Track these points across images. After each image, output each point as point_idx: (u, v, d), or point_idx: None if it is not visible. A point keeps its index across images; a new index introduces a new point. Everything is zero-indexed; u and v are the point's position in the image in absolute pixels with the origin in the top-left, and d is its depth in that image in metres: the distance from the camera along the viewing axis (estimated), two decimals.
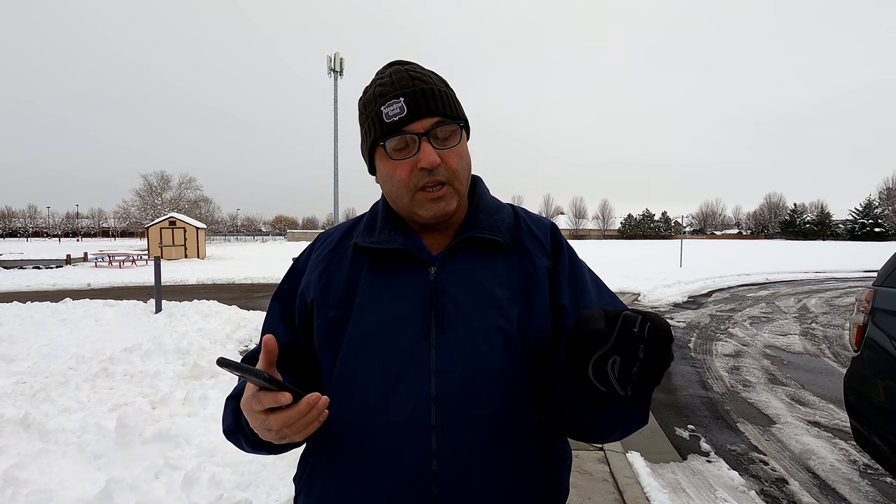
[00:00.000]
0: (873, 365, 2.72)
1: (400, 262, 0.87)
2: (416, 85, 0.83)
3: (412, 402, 0.79)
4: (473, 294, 0.84)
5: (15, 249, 41.53)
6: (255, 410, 0.71)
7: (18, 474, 2.79)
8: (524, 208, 1.01)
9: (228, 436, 0.89)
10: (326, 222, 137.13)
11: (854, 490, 3.15)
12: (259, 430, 0.74)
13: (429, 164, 0.81)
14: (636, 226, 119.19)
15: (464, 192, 0.89)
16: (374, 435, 0.80)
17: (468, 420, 0.79)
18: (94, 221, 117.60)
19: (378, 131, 0.84)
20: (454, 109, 0.86)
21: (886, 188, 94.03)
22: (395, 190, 0.86)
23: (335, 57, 18.44)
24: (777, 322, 9.10)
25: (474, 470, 0.79)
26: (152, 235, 30.47)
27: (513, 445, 0.82)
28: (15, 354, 5.76)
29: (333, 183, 18.39)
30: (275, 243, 67.23)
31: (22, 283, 15.27)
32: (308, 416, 0.69)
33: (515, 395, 0.82)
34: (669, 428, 4.14)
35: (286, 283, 0.97)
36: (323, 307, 0.87)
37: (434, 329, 0.82)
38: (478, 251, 0.88)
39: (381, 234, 0.89)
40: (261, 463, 2.99)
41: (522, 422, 0.83)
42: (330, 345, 0.86)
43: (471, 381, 0.80)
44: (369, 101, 0.86)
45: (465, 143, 0.88)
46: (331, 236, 0.97)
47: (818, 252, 36.66)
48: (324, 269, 0.91)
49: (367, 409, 0.81)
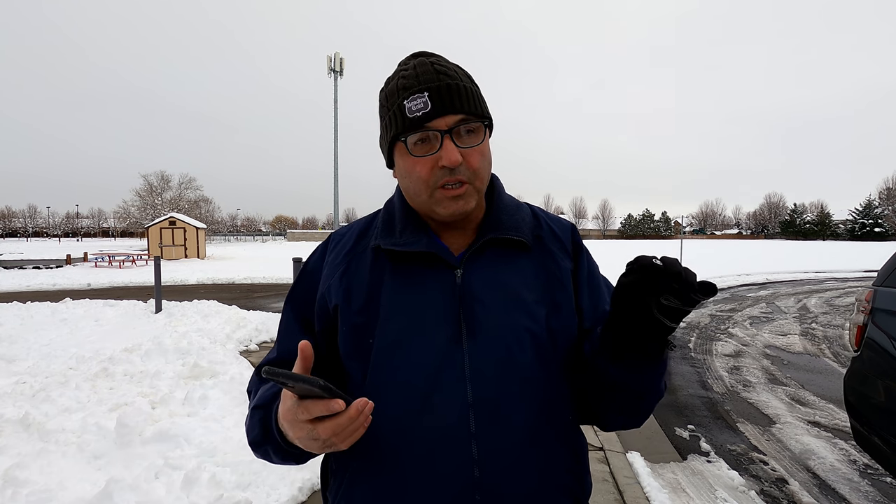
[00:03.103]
0: (873, 365, 2.72)
1: (423, 264, 0.85)
2: (442, 80, 0.80)
3: (450, 409, 0.78)
4: (501, 296, 0.83)
5: (15, 249, 41.51)
6: (300, 420, 0.68)
7: (18, 474, 2.79)
8: (541, 207, 1.00)
9: (255, 447, 0.86)
10: (326, 222, 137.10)
11: (854, 490, 3.15)
12: (303, 440, 0.70)
13: (451, 163, 0.79)
14: (636, 226, 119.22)
15: (483, 191, 0.87)
16: (413, 444, 0.78)
17: (507, 425, 0.79)
18: (94, 221, 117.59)
19: (400, 126, 0.81)
20: (479, 107, 0.83)
21: (886, 188, 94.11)
22: (414, 186, 0.84)
23: (335, 57, 18.44)
24: (777, 322, 9.10)
25: (515, 474, 0.79)
26: (152, 235, 30.46)
27: (549, 446, 0.82)
28: (15, 354, 5.76)
29: (333, 183, 18.40)
30: (275, 243, 67.19)
31: (22, 283, 15.25)
32: (356, 422, 0.67)
33: (549, 396, 0.82)
34: (669, 428, 4.14)
35: (300, 286, 0.94)
36: (347, 314, 0.84)
37: (465, 333, 0.80)
38: (502, 252, 0.87)
39: (403, 235, 0.86)
40: (261, 462, 2.99)
41: (557, 422, 0.83)
42: (357, 352, 0.83)
43: (506, 386, 0.79)
44: (392, 93, 0.83)
45: (487, 141, 0.86)
46: (345, 236, 0.94)
47: (818, 252, 36.67)
48: (343, 273, 0.87)
49: (404, 418, 0.79)
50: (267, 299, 12.12)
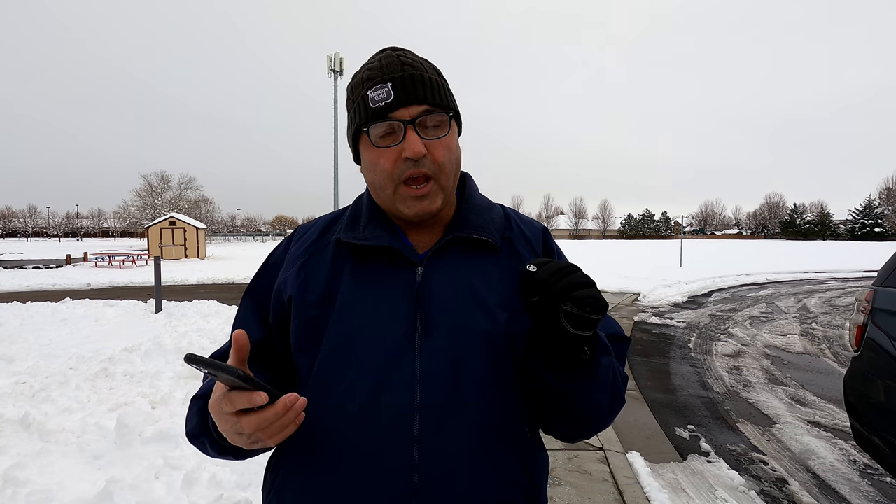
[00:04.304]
0: (873, 365, 2.72)
1: (385, 260, 0.82)
2: (406, 70, 0.79)
3: (395, 411, 0.75)
4: (461, 297, 0.80)
5: (15, 249, 41.52)
6: (225, 412, 0.65)
7: (18, 474, 2.79)
8: (515, 209, 0.98)
9: (192, 439, 0.83)
10: None
11: (854, 490, 3.15)
12: (229, 433, 0.68)
13: (413, 154, 0.76)
14: (636, 226, 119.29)
15: (450, 188, 0.84)
16: (354, 445, 0.75)
17: (452, 431, 0.75)
18: (94, 221, 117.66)
19: (363, 116, 0.80)
20: (444, 98, 0.81)
21: (886, 188, 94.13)
22: (378, 180, 0.81)
23: (335, 57, 18.42)
24: (777, 322, 9.09)
25: (456, 482, 0.75)
26: (152, 235, 30.46)
27: (496, 456, 0.78)
28: (15, 354, 5.75)
29: (333, 183, 18.39)
30: (275, 243, 67.08)
31: (22, 283, 15.25)
32: (284, 418, 0.64)
33: (501, 403, 0.79)
34: (669, 428, 4.14)
35: (259, 280, 0.92)
36: (301, 306, 0.82)
37: (420, 333, 0.78)
38: (467, 252, 0.84)
39: (366, 229, 0.84)
40: (260, 463, 2.98)
41: (507, 431, 0.80)
42: (307, 346, 0.81)
43: (456, 389, 0.76)
44: (357, 85, 0.82)
45: (454, 135, 0.84)
46: (310, 230, 0.92)
47: (818, 252, 36.67)
48: (302, 265, 0.85)
49: (348, 417, 0.76)
50: None
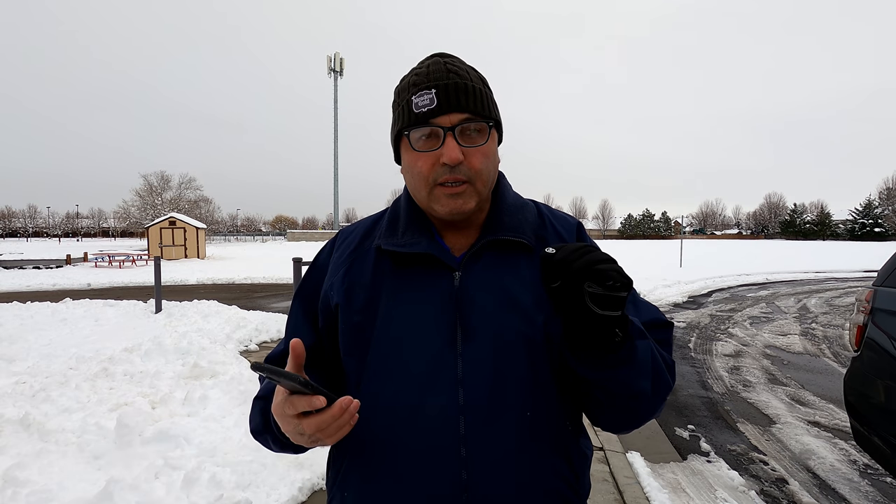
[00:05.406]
0: (873, 365, 2.72)
1: (424, 266, 0.85)
2: (451, 78, 0.81)
3: (442, 412, 0.79)
4: (498, 300, 0.83)
5: (15, 249, 41.50)
6: (287, 415, 0.71)
7: (18, 474, 2.79)
8: (548, 205, 1.00)
9: (256, 435, 0.89)
10: (326, 222, 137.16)
11: (854, 490, 3.15)
12: (291, 433, 0.73)
13: (451, 161, 0.79)
14: (636, 226, 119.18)
15: (486, 193, 0.86)
16: (405, 444, 0.80)
17: (496, 429, 0.79)
18: (94, 221, 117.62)
19: (406, 120, 0.83)
20: (486, 108, 0.84)
21: (886, 188, 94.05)
22: (415, 182, 0.85)
23: (335, 57, 18.45)
24: (777, 322, 9.09)
25: (503, 478, 0.79)
26: (152, 235, 30.45)
27: (539, 452, 0.82)
28: (15, 354, 5.76)
29: (333, 183, 18.42)
30: (275, 243, 67.18)
31: (22, 283, 15.25)
32: (341, 419, 0.69)
33: (542, 402, 0.82)
34: (669, 428, 4.14)
35: (308, 281, 0.96)
36: (347, 312, 0.86)
37: (460, 338, 0.81)
38: (501, 254, 0.87)
39: (405, 235, 0.87)
40: (261, 463, 2.99)
41: (548, 427, 0.83)
42: (355, 351, 0.85)
43: (498, 391, 0.80)
44: (403, 89, 0.85)
45: (493, 143, 0.86)
46: (352, 234, 0.95)
47: (818, 252, 36.65)
48: (346, 272, 0.89)
49: (397, 418, 0.80)
50: (267, 299, 12.12)
